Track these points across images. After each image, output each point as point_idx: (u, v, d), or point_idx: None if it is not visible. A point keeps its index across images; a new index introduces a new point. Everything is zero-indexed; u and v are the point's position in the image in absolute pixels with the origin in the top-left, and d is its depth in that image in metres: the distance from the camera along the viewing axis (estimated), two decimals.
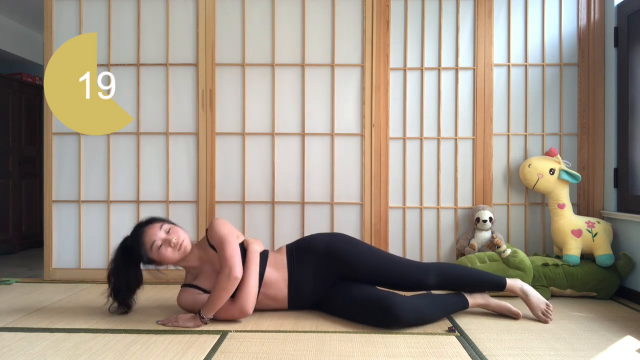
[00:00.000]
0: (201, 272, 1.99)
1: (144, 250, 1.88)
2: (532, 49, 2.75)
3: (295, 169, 2.76)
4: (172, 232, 1.91)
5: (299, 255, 2.05)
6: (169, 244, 1.88)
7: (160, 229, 1.90)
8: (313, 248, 2.06)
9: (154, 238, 1.87)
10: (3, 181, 3.87)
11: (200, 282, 1.97)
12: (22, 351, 1.62)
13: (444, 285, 2.02)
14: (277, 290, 2.02)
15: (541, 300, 2.01)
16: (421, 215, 2.76)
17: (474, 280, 2.05)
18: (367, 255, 2.04)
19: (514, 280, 2.07)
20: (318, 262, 2.03)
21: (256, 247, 2.02)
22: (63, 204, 2.77)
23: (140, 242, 1.88)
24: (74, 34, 2.77)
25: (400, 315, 1.81)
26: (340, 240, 2.09)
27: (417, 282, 1.99)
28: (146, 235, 1.88)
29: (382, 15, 2.74)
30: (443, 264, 2.11)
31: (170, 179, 2.75)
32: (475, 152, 2.74)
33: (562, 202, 2.51)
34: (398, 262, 2.05)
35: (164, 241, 1.88)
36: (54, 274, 2.75)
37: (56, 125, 2.76)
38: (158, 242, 1.87)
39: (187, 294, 1.96)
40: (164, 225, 1.92)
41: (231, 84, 2.76)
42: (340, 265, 2.02)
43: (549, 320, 1.96)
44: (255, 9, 2.76)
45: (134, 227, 1.96)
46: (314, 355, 1.59)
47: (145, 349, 1.64)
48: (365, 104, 2.74)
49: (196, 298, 1.94)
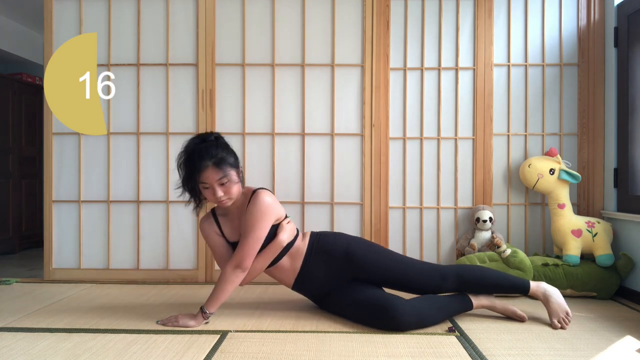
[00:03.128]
0: (231, 216, 1.98)
1: (194, 179, 1.83)
2: (532, 49, 2.75)
3: (295, 169, 2.76)
4: (227, 187, 1.84)
5: (318, 251, 2.02)
6: (213, 193, 1.83)
7: (219, 179, 1.81)
8: (333, 250, 2.02)
9: (207, 181, 1.81)
10: (3, 181, 3.87)
11: (224, 224, 1.98)
12: (22, 351, 1.62)
13: (463, 289, 2.00)
14: (285, 275, 2.03)
15: (562, 307, 1.92)
16: (421, 215, 2.76)
17: (495, 285, 2.00)
18: (386, 261, 2.01)
19: (537, 284, 1.98)
20: (334, 263, 2.01)
21: (284, 237, 1.96)
22: (63, 204, 2.77)
23: (197, 173, 1.81)
24: (74, 34, 2.77)
25: (401, 318, 1.81)
26: (360, 247, 2.04)
27: (436, 288, 1.97)
28: (204, 174, 1.80)
29: (382, 15, 2.74)
30: (462, 266, 2.08)
31: (170, 179, 2.74)
32: (475, 152, 2.74)
33: (562, 202, 2.51)
34: (416, 267, 2.01)
35: (211, 188, 1.82)
36: (54, 274, 2.75)
37: (56, 125, 2.76)
38: (206, 185, 1.83)
39: (208, 225, 1.99)
40: (225, 177, 1.82)
41: (231, 84, 2.76)
42: (357, 270, 1.99)
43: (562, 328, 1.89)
44: (255, 9, 2.76)
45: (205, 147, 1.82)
46: (314, 355, 1.59)
47: (145, 349, 1.64)
48: (365, 104, 2.74)
49: (212, 236, 1.98)
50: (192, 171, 1.84)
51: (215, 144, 1.87)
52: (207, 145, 1.84)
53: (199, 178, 1.82)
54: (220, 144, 1.88)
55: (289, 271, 2.02)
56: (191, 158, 1.84)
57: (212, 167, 1.81)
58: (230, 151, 1.91)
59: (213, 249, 2.01)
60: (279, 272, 2.03)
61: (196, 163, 1.81)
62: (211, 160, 1.81)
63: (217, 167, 1.81)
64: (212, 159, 1.81)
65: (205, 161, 1.81)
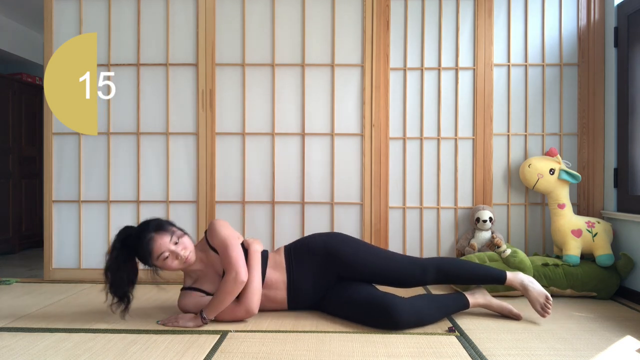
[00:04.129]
0: (202, 275, 1.98)
1: (149, 258, 1.83)
2: (532, 49, 2.75)
3: (295, 169, 2.76)
4: (181, 243, 1.86)
5: (298, 257, 2.05)
6: (176, 257, 1.84)
7: (170, 241, 1.84)
8: (311, 249, 2.06)
9: (163, 249, 1.82)
10: (3, 181, 3.87)
11: (202, 285, 1.96)
12: (22, 351, 1.62)
13: (443, 280, 2.05)
14: (276, 291, 2.02)
15: (541, 293, 1.96)
16: (421, 215, 2.76)
17: (473, 275, 2.05)
18: (364, 255, 2.04)
19: (514, 274, 2.04)
20: (316, 263, 2.03)
21: (257, 247, 2.02)
22: (63, 204, 2.77)
23: (148, 249, 1.81)
24: (74, 34, 2.77)
25: (399, 318, 1.81)
26: (337, 241, 2.09)
27: (415, 280, 2.01)
28: (156, 244, 1.81)
29: (382, 15, 2.74)
30: (441, 259, 2.13)
31: (170, 179, 2.75)
32: (475, 152, 2.74)
33: (562, 202, 2.51)
34: (396, 260, 2.05)
35: (171, 253, 1.83)
36: (54, 274, 2.75)
37: (56, 125, 2.76)
38: (165, 254, 1.82)
39: (188, 297, 1.95)
40: (174, 236, 1.86)
41: (231, 84, 2.76)
42: (339, 265, 2.02)
43: (546, 314, 1.93)
44: (255, 9, 2.76)
45: (142, 227, 1.87)
46: (314, 355, 1.59)
47: (145, 349, 1.64)
48: (365, 104, 2.74)
49: (198, 301, 1.93)
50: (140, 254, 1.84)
51: (142, 224, 1.89)
52: (137, 229, 1.87)
53: (152, 254, 1.81)
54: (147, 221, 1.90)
55: (279, 284, 2.01)
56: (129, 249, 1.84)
57: (158, 235, 1.83)
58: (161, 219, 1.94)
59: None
60: (270, 290, 2.01)
61: (140, 245, 1.81)
62: (152, 231, 1.83)
63: (163, 232, 1.85)
64: (151, 230, 1.83)
65: (148, 234, 1.82)
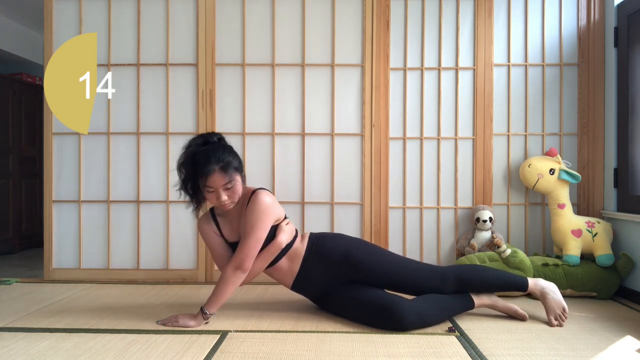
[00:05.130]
0: (229, 217, 1.96)
1: (200, 179, 1.80)
2: (532, 49, 2.75)
3: (295, 169, 2.76)
4: (231, 191, 1.82)
5: (317, 253, 2.00)
6: (218, 197, 1.81)
7: (224, 185, 1.79)
8: (332, 253, 2.00)
9: (213, 185, 1.78)
10: (3, 181, 3.87)
11: (223, 224, 1.96)
12: (22, 351, 1.62)
13: (463, 290, 2.00)
14: (283, 276, 2.02)
15: (558, 304, 1.94)
16: (421, 215, 2.76)
17: (494, 284, 2.01)
18: (384, 264, 1.99)
19: (535, 281, 2.00)
20: (333, 266, 1.99)
21: (283, 239, 1.95)
22: (63, 204, 2.77)
23: (202, 175, 1.77)
24: (74, 34, 2.77)
25: (405, 319, 1.81)
26: (359, 249, 2.02)
27: (436, 290, 1.96)
28: (211, 178, 1.77)
29: (382, 15, 2.74)
30: (459, 267, 2.08)
31: (170, 179, 2.74)
32: (475, 152, 2.74)
33: (562, 202, 2.51)
34: (416, 269, 2.00)
35: (216, 192, 1.80)
36: (54, 274, 2.75)
37: (56, 125, 2.76)
38: (211, 189, 1.80)
39: (207, 225, 1.96)
40: (230, 182, 1.80)
41: (231, 84, 2.76)
42: (357, 272, 1.98)
43: (557, 326, 1.91)
44: (255, 9, 2.76)
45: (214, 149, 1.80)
46: (314, 355, 1.59)
47: (145, 349, 1.64)
48: (365, 104, 2.74)
49: (211, 237, 1.96)
50: (196, 174, 1.80)
51: (219, 146, 1.84)
52: (212, 148, 1.81)
53: (204, 182, 1.79)
54: (225, 147, 1.86)
55: (287, 272, 2.01)
56: (196, 160, 1.80)
57: (218, 172, 1.78)
58: (235, 154, 1.88)
59: (212, 249, 2.00)
60: (277, 272, 2.02)
61: (202, 166, 1.77)
62: (217, 164, 1.78)
63: (224, 172, 1.79)
64: (218, 163, 1.78)
65: (211, 165, 1.77)
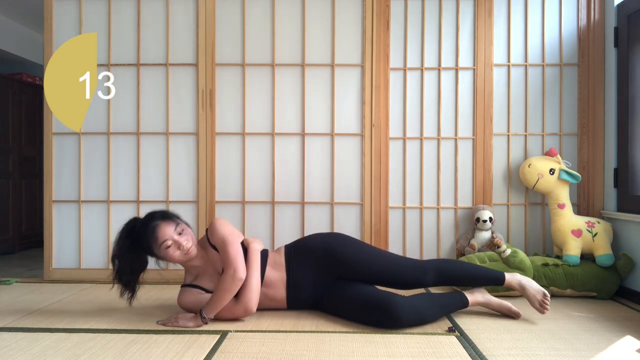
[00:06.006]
0: (202, 272, 1.98)
1: (153, 245, 1.86)
2: (532, 49, 2.75)
3: (295, 169, 2.76)
4: (184, 234, 1.90)
5: (297, 256, 2.06)
6: (179, 247, 1.87)
7: (175, 230, 1.88)
8: (310, 249, 2.06)
9: (166, 237, 1.85)
10: (3, 181, 3.87)
11: (202, 282, 1.97)
12: (22, 351, 1.62)
13: (442, 282, 2.05)
14: (276, 290, 2.03)
15: (538, 291, 1.99)
16: (421, 215, 2.76)
17: (472, 276, 2.07)
18: (364, 256, 2.04)
19: (512, 275, 2.07)
20: (316, 263, 2.03)
21: (257, 246, 2.03)
22: (63, 204, 2.77)
23: (152, 236, 1.84)
24: (74, 34, 2.77)
25: (399, 316, 1.82)
26: (337, 241, 2.09)
27: (415, 281, 2.02)
28: (160, 231, 1.85)
29: (382, 15, 2.74)
30: (440, 260, 2.14)
31: (170, 179, 2.75)
32: (475, 152, 2.74)
33: (562, 202, 2.51)
34: (395, 262, 2.05)
35: (174, 242, 1.86)
36: (54, 274, 2.75)
37: (56, 125, 2.76)
38: (168, 243, 1.85)
39: (188, 294, 1.95)
40: (178, 226, 1.90)
41: (231, 84, 2.76)
42: (338, 266, 2.02)
43: (545, 311, 1.95)
44: (255, 9, 2.76)
45: (149, 216, 1.91)
46: (314, 355, 1.59)
47: (145, 349, 1.64)
48: (365, 104, 2.74)
49: (198, 298, 1.94)
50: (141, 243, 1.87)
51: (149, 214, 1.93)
52: (144, 220, 1.90)
53: (157, 241, 1.84)
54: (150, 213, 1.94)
55: (278, 283, 2.02)
56: (135, 235, 1.88)
57: (163, 222, 1.88)
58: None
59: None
60: (270, 288, 2.02)
61: (146, 230, 1.85)
62: (159, 219, 1.88)
63: (169, 219, 1.90)
64: (158, 219, 1.88)
65: (155, 220, 1.87)
